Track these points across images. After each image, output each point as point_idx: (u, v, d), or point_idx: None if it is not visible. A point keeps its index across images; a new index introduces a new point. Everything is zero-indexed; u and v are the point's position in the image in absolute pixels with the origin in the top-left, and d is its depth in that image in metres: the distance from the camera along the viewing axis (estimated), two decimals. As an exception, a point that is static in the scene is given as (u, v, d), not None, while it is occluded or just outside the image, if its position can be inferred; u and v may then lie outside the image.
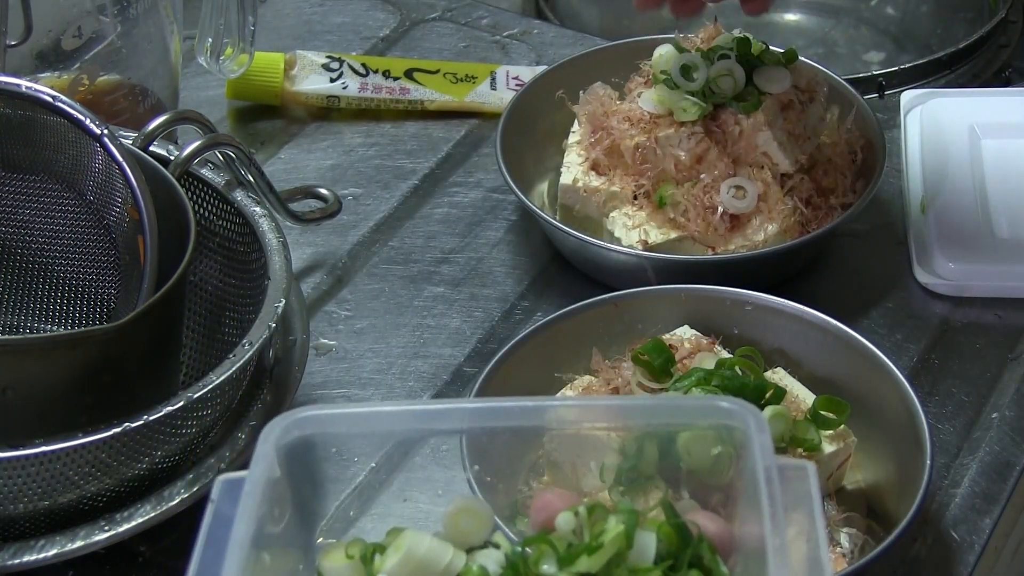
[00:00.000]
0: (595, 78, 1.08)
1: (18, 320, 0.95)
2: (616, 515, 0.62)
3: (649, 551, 0.61)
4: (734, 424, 0.64)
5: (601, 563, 0.61)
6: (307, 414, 0.66)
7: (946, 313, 1.02)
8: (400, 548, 0.63)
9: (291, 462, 0.65)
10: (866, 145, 1.07)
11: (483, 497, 0.83)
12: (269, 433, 0.64)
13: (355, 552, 0.64)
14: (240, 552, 0.59)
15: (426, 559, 0.63)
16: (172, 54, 1.09)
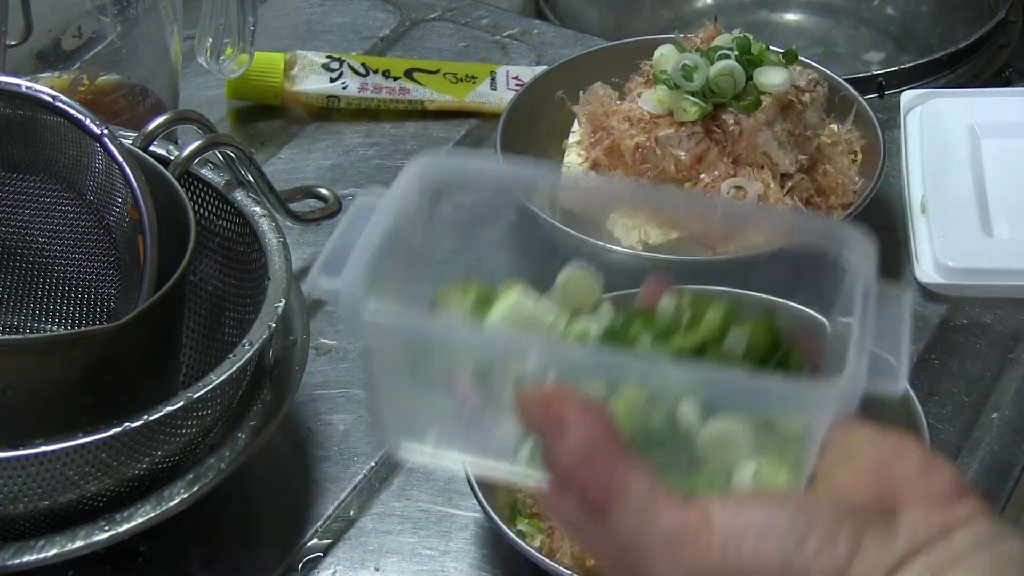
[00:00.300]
0: (595, 78, 1.08)
1: (18, 320, 0.95)
2: (717, 305, 0.63)
3: (740, 345, 0.62)
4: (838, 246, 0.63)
5: (692, 344, 0.62)
6: (450, 162, 0.69)
7: (946, 313, 1.02)
8: (507, 304, 0.65)
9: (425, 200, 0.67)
10: (866, 145, 1.07)
11: (483, 497, 0.83)
12: (415, 166, 0.66)
13: (471, 293, 0.66)
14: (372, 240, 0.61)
15: (531, 316, 0.65)
16: (172, 54, 1.09)
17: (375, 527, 0.90)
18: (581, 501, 0.57)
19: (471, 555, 0.88)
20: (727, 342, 0.62)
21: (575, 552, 0.83)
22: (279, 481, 0.93)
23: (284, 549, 0.89)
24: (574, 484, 0.56)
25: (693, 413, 0.59)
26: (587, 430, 0.56)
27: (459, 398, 0.62)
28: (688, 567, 0.55)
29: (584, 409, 0.57)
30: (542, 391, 0.58)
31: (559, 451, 0.57)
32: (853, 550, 0.54)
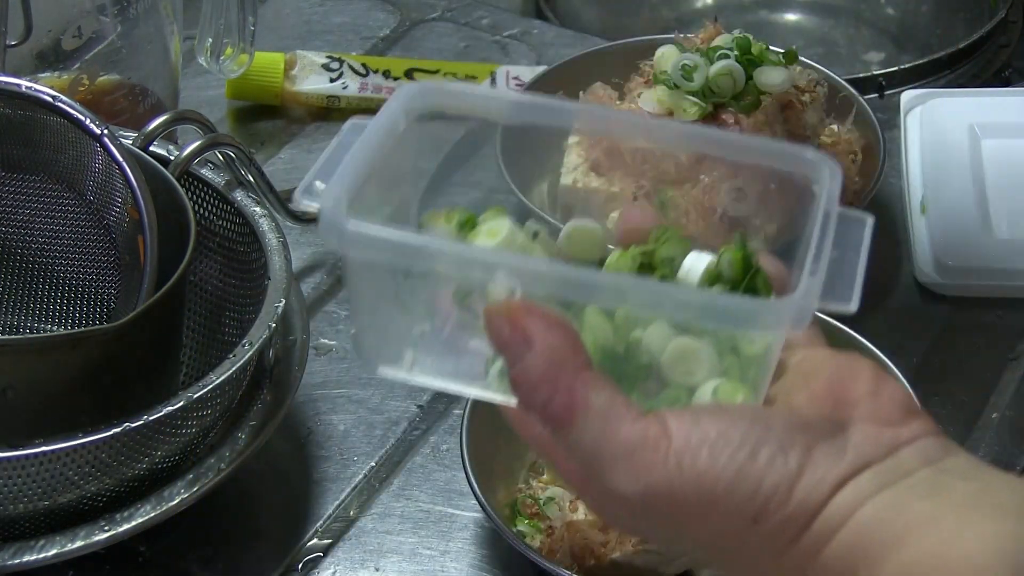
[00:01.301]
0: (595, 78, 1.08)
1: (18, 320, 0.95)
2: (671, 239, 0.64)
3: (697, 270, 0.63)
4: (807, 172, 0.64)
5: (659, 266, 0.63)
6: (437, 86, 0.69)
7: (946, 313, 1.02)
8: (496, 234, 0.64)
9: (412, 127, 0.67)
10: (866, 145, 1.07)
11: (483, 497, 0.83)
12: (402, 92, 0.66)
13: (454, 216, 0.66)
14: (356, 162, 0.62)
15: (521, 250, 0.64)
16: (172, 54, 1.09)
17: (375, 527, 0.90)
18: (544, 415, 0.58)
19: (471, 555, 0.88)
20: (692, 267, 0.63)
21: (575, 552, 0.83)
22: (279, 481, 0.93)
23: (284, 549, 0.89)
24: (538, 398, 0.58)
25: (658, 334, 0.60)
26: (551, 344, 0.58)
27: (440, 318, 0.63)
28: (645, 477, 0.56)
29: (549, 324, 0.58)
30: (508, 306, 0.59)
31: (524, 365, 0.58)
32: (803, 463, 0.56)
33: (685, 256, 0.64)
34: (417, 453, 0.94)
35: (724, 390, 0.60)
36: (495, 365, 0.61)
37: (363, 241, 0.60)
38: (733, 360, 0.60)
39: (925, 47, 1.36)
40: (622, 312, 0.60)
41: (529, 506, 0.87)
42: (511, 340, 0.58)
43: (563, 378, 0.57)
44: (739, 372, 0.60)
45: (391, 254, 0.61)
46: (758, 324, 0.59)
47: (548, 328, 0.58)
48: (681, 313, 0.60)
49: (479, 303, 0.62)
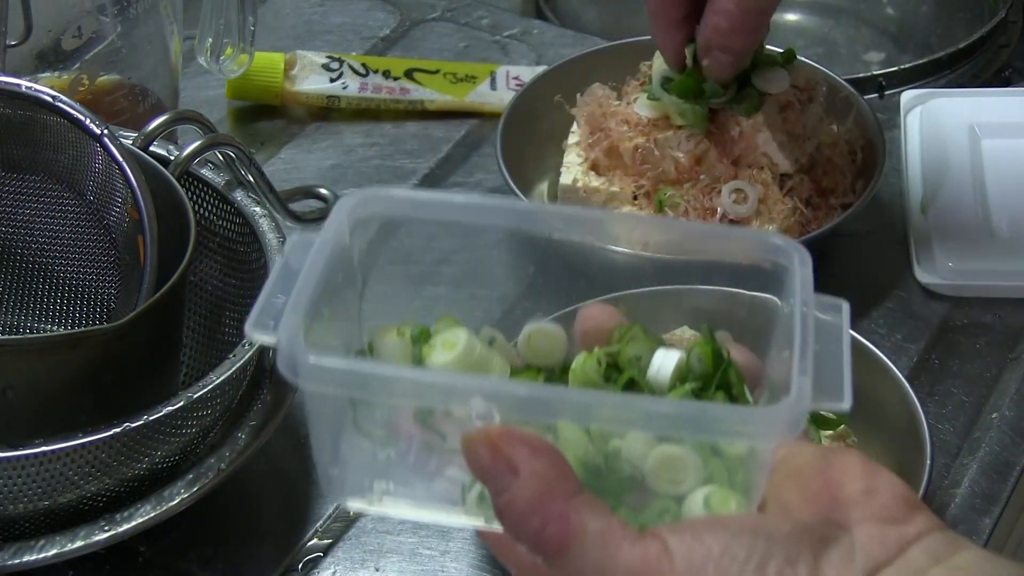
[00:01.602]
0: (595, 79, 1.08)
1: (18, 320, 0.95)
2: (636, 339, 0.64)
3: (667, 368, 0.62)
4: (779, 260, 0.63)
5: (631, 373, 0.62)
6: (382, 193, 0.66)
7: (946, 313, 1.02)
8: (453, 346, 0.64)
9: (358, 238, 0.66)
10: (866, 145, 1.07)
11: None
12: (344, 203, 0.65)
13: (406, 331, 0.65)
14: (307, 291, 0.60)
15: (481, 361, 0.64)
16: (172, 54, 1.09)
17: (375, 527, 0.90)
18: (536, 544, 0.56)
19: (471, 555, 0.88)
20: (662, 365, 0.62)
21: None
22: (279, 481, 0.93)
23: (284, 549, 0.89)
24: (529, 527, 0.56)
25: (637, 443, 0.58)
26: (537, 470, 0.56)
27: (403, 443, 0.61)
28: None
29: (533, 449, 0.56)
30: (488, 434, 0.57)
31: (512, 495, 0.56)
32: (813, 574, 0.54)
33: (652, 353, 0.63)
34: (417, 453, 0.94)
35: (716, 499, 0.58)
36: (473, 490, 0.59)
37: (326, 376, 0.59)
38: (718, 464, 0.59)
39: (925, 47, 1.36)
40: (600, 426, 0.59)
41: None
42: (494, 469, 0.56)
43: (554, 505, 0.55)
44: (727, 476, 0.59)
45: (358, 387, 0.59)
46: (749, 434, 0.57)
47: (533, 454, 0.56)
48: (666, 429, 0.58)
49: (443, 422, 0.60)
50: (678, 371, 0.62)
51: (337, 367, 0.59)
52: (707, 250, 0.68)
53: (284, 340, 0.58)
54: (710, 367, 0.62)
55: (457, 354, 0.63)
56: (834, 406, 0.58)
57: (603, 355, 0.63)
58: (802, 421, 0.56)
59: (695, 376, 0.62)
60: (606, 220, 0.72)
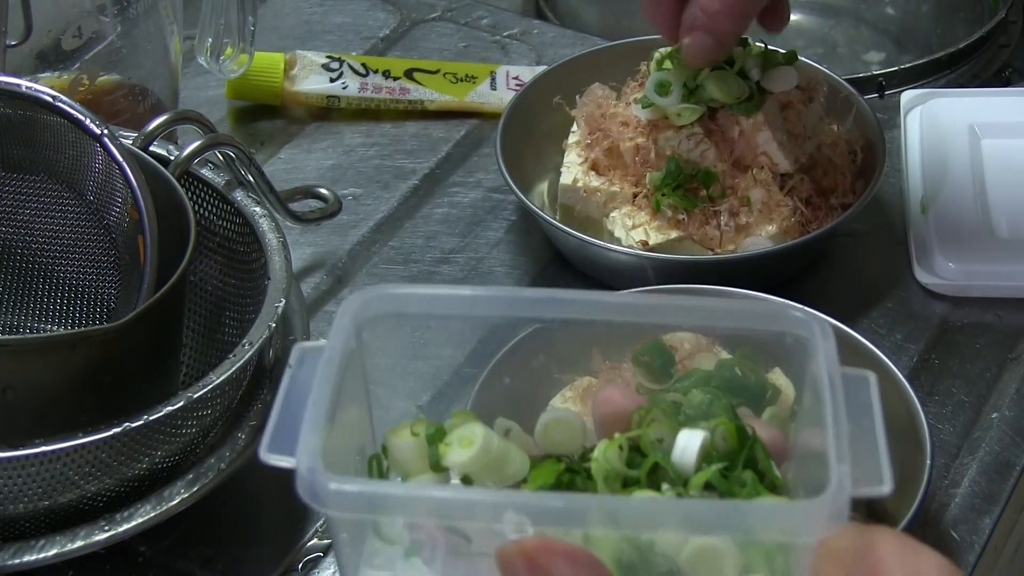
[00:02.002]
0: (595, 78, 1.08)
1: (18, 320, 0.95)
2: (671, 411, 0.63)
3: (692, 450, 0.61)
4: (800, 333, 0.62)
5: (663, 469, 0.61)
6: (387, 291, 0.66)
7: (946, 313, 1.02)
8: (470, 444, 0.62)
9: (365, 336, 0.65)
10: (866, 145, 1.07)
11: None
12: (349, 306, 0.65)
13: (420, 430, 0.64)
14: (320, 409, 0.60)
15: (500, 456, 0.63)
16: (172, 54, 1.09)
17: (375, 527, 0.90)
18: None
19: (471, 555, 0.88)
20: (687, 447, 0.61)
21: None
22: (279, 481, 0.92)
23: (284, 549, 0.89)
24: None
25: (670, 536, 0.58)
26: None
27: (427, 550, 0.61)
28: None
29: (572, 561, 0.55)
30: (524, 548, 0.56)
31: None
32: None
33: (675, 435, 0.62)
34: (417, 453, 0.94)
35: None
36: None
37: (350, 502, 0.58)
38: (756, 551, 0.58)
39: (925, 47, 1.36)
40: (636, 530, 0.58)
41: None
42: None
43: None
44: (766, 563, 0.58)
45: (383, 510, 0.59)
46: (791, 531, 0.56)
47: (572, 567, 0.55)
48: (709, 529, 0.57)
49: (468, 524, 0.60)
50: (703, 451, 0.61)
51: (361, 492, 0.58)
52: (730, 327, 0.67)
53: (304, 467, 0.58)
54: (735, 445, 0.61)
55: (475, 452, 0.62)
56: (875, 491, 0.57)
57: (624, 441, 0.62)
58: (845, 512, 0.55)
59: (720, 455, 0.61)
60: (627, 305, 0.70)
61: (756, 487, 0.61)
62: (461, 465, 0.62)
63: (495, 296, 0.69)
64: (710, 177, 1.01)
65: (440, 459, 0.63)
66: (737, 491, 0.60)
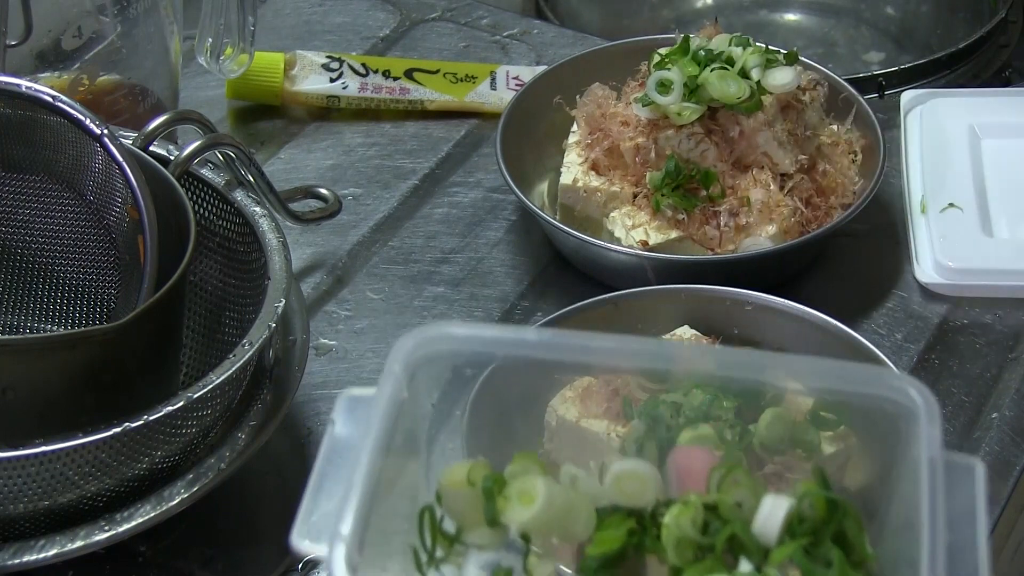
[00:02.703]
0: (595, 78, 1.08)
1: (18, 320, 0.95)
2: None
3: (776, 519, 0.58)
4: (901, 401, 0.59)
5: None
6: (437, 332, 0.63)
7: (946, 313, 1.02)
8: (531, 500, 0.59)
9: (416, 379, 0.62)
10: (866, 145, 1.07)
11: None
12: (398, 351, 0.61)
13: (477, 479, 0.60)
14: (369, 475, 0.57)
15: (559, 516, 0.60)
16: (172, 54, 1.09)
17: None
18: None
19: (471, 555, 0.88)
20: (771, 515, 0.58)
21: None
22: (279, 481, 0.93)
23: (284, 549, 0.88)
24: None
25: None
26: None
27: None
28: None
29: None
30: None
31: None
32: None
33: (756, 499, 0.59)
34: (417, 453, 0.94)
35: None
36: None
37: None
38: None
39: (925, 47, 1.36)
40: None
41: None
42: None
43: None
44: None
45: None
46: None
47: None
48: None
49: None
50: (789, 522, 0.58)
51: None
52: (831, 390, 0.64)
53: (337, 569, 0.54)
54: (824, 515, 0.58)
55: (537, 511, 0.59)
56: None
57: (699, 506, 0.59)
58: None
59: (806, 526, 0.58)
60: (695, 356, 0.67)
61: (843, 568, 0.58)
62: (521, 524, 0.60)
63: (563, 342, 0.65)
64: (710, 177, 1.01)
65: (498, 515, 0.60)
66: (821, 572, 0.58)
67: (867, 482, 0.88)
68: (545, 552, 0.61)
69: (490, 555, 0.60)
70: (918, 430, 0.57)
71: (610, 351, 0.65)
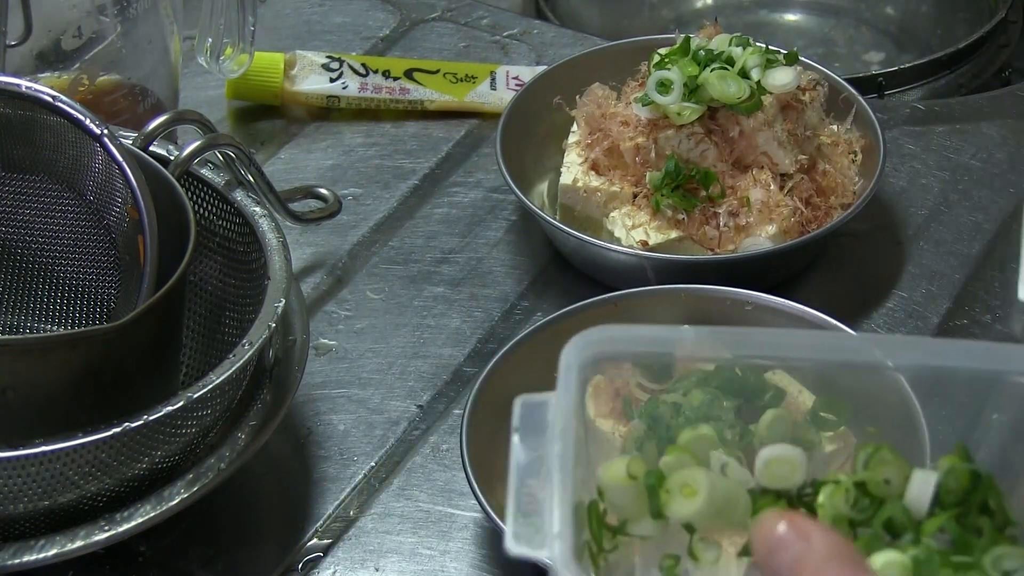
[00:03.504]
0: (595, 78, 1.08)
1: (18, 320, 0.95)
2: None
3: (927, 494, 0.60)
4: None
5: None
6: (610, 333, 0.63)
7: (946, 313, 1.02)
8: (694, 493, 0.61)
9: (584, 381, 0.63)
10: (866, 145, 1.07)
11: (483, 497, 0.83)
12: (572, 356, 0.62)
13: (637, 473, 0.62)
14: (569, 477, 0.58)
15: (728, 497, 0.61)
16: (172, 54, 1.09)
17: (375, 527, 0.90)
18: None
19: (471, 555, 0.88)
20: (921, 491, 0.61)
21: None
22: (279, 481, 0.93)
23: (284, 549, 0.89)
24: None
25: None
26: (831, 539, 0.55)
27: None
28: None
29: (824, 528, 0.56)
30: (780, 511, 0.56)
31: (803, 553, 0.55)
32: None
33: (903, 477, 0.61)
34: (417, 453, 0.94)
35: None
36: None
37: None
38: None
39: (925, 47, 1.36)
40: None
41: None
42: (785, 536, 0.55)
43: (848, 566, 0.54)
44: None
45: None
46: None
47: (824, 529, 0.55)
48: None
49: None
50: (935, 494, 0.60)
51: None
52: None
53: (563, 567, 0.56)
54: (967, 486, 0.61)
55: (701, 503, 0.61)
56: None
57: (851, 485, 0.61)
58: None
59: (952, 498, 0.60)
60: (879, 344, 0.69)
61: (993, 535, 0.60)
62: (686, 516, 0.61)
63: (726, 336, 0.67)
64: (710, 177, 1.01)
65: (662, 508, 0.61)
66: (974, 540, 0.60)
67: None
68: (709, 537, 0.62)
69: (655, 544, 0.62)
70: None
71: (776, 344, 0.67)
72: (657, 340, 0.66)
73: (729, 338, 0.67)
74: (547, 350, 0.92)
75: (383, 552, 0.88)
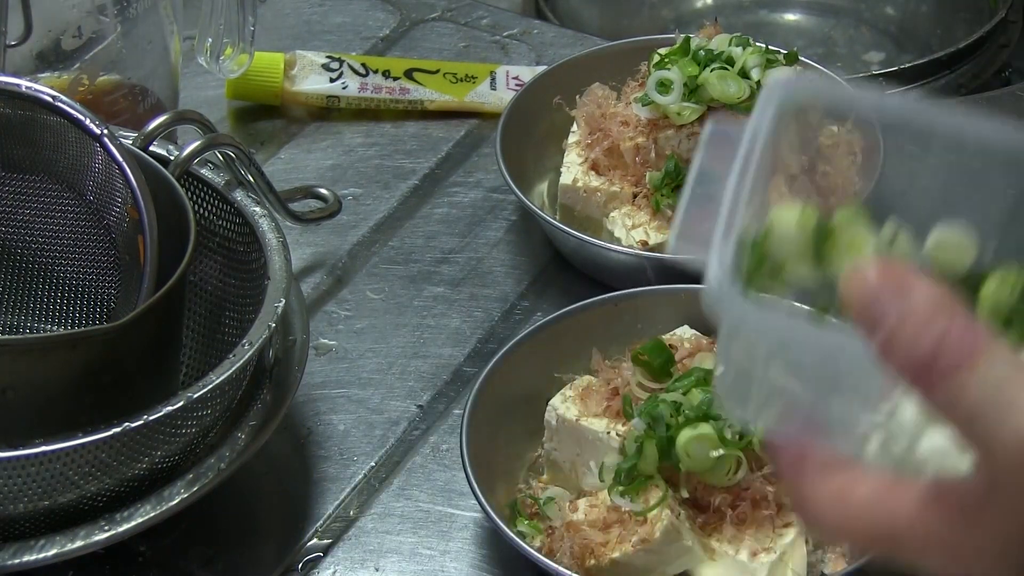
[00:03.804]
0: (595, 78, 1.08)
1: (18, 320, 0.95)
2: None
3: None
4: None
5: None
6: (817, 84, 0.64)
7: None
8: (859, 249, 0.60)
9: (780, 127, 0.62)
10: (866, 145, 1.07)
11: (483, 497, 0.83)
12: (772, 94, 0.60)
13: (809, 222, 0.60)
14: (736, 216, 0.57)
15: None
16: (172, 54, 1.09)
17: (375, 527, 0.90)
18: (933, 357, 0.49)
19: (471, 555, 0.88)
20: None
21: (575, 552, 0.83)
22: (279, 481, 0.93)
23: (284, 549, 0.89)
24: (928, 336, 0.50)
25: None
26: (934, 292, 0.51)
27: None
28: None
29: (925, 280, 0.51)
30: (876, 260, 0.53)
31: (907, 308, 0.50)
32: None
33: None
34: (417, 453, 0.94)
35: None
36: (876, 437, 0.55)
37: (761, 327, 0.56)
38: None
39: (925, 47, 1.36)
40: None
41: (529, 506, 0.87)
42: (882, 290, 0.51)
43: (957, 318, 0.50)
44: None
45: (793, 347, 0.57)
46: None
47: (926, 282, 0.51)
48: None
49: None
50: None
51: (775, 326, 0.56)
52: None
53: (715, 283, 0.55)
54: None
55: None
56: None
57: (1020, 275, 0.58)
58: None
59: None
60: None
61: None
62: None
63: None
64: None
65: (823, 259, 0.60)
66: None
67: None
68: None
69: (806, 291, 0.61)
70: None
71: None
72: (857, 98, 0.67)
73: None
74: (547, 350, 0.92)
75: (383, 552, 0.88)
